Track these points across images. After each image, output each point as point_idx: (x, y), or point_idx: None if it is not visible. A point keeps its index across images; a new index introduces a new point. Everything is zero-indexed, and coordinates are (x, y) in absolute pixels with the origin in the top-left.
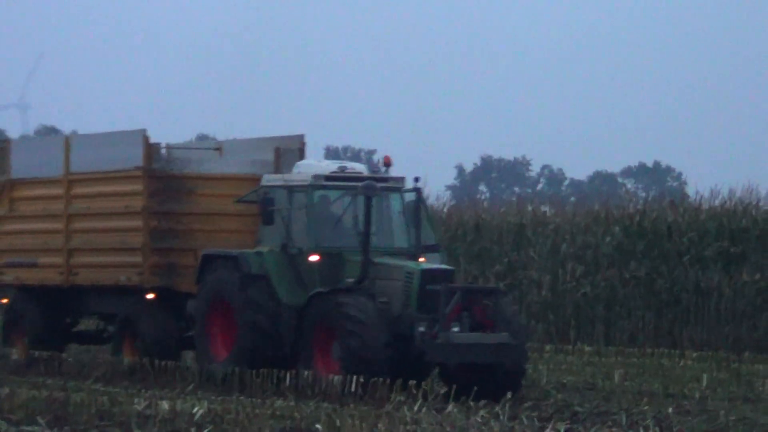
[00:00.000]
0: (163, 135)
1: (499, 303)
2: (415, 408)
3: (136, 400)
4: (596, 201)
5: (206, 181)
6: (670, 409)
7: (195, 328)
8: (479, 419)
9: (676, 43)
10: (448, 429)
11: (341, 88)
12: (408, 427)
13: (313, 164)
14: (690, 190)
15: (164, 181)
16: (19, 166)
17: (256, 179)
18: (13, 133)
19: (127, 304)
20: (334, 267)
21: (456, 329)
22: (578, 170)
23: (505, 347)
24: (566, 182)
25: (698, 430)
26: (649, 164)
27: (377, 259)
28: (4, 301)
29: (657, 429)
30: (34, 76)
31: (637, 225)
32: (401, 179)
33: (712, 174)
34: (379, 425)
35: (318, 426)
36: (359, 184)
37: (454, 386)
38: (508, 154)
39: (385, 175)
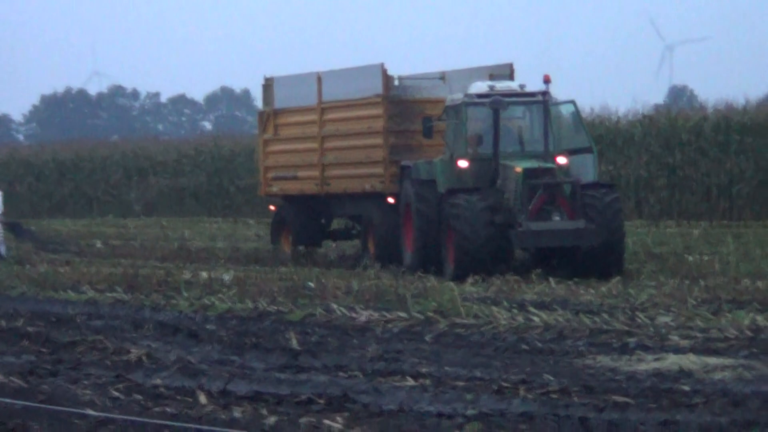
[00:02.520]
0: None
1: (587, 194)
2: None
3: (183, 272)
4: None
5: (433, 104)
6: None
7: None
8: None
9: None
10: (400, 283)
11: None
12: (371, 282)
13: (479, 85)
14: None
15: (399, 105)
16: (281, 98)
17: None
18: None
19: (371, 208)
20: (484, 171)
21: (556, 219)
22: None
23: (580, 232)
24: None
25: None
26: None
27: (503, 161)
28: (273, 208)
29: None
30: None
31: None
32: (545, 93)
33: None
34: (352, 281)
35: (310, 283)
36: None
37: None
38: None
39: (527, 90)
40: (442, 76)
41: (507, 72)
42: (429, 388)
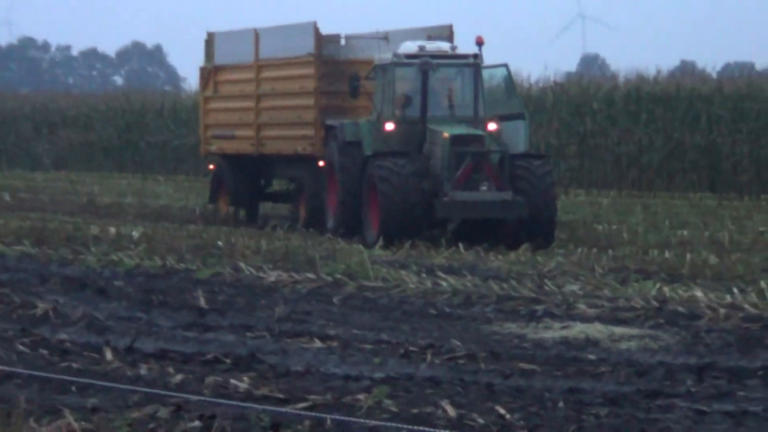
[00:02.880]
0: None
1: (517, 164)
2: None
3: (92, 227)
4: None
5: (367, 65)
6: None
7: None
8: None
9: None
10: (309, 243)
11: None
12: (280, 242)
13: (409, 45)
14: None
15: (332, 65)
16: (221, 55)
17: None
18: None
19: (303, 171)
20: (411, 134)
21: (482, 189)
22: None
23: (507, 204)
24: None
25: None
26: None
27: (431, 125)
28: (211, 167)
29: None
30: None
31: None
32: (477, 56)
33: None
34: (261, 241)
35: (219, 242)
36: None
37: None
38: None
39: (458, 53)
40: (385, 36)
41: (446, 34)
42: (336, 351)
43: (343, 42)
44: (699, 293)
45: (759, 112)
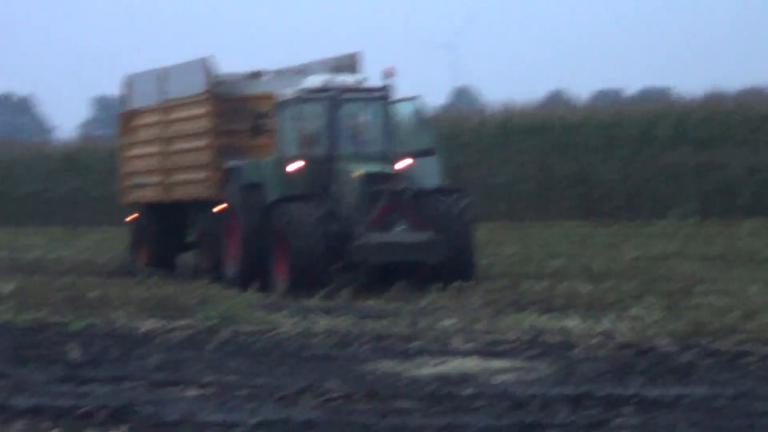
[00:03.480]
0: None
1: (433, 201)
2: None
3: None
4: None
5: (267, 100)
6: None
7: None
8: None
9: None
10: (183, 289)
11: None
12: (151, 291)
13: (314, 79)
14: None
15: (228, 103)
16: (137, 98)
17: None
18: None
19: (203, 217)
20: (317, 174)
21: (397, 230)
22: None
23: (426, 245)
24: None
25: None
26: None
27: (340, 165)
28: (131, 218)
29: None
30: None
31: None
32: (385, 89)
33: None
34: (135, 290)
35: (91, 294)
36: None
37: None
38: None
39: (366, 86)
40: (298, 70)
41: (351, 63)
42: (212, 397)
43: (241, 77)
44: (572, 323)
45: (628, 138)
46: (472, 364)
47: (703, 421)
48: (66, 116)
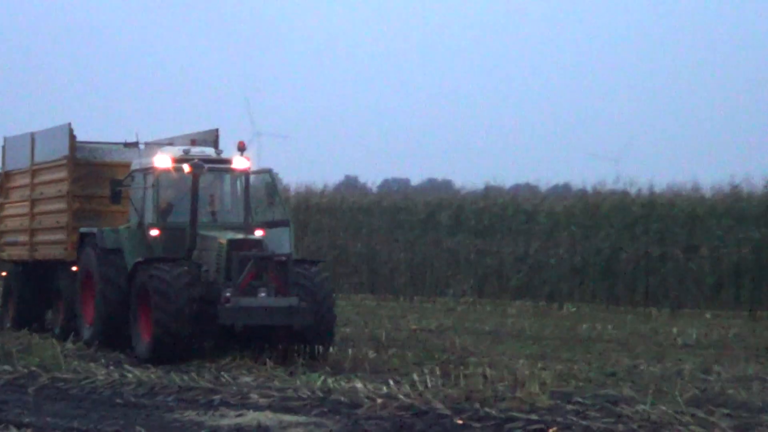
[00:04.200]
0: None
1: (297, 270)
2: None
3: None
4: None
5: (125, 168)
6: None
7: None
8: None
9: None
10: (6, 338)
11: None
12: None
13: (172, 149)
14: None
15: (86, 168)
16: (11, 160)
17: None
18: None
19: (61, 276)
20: (176, 240)
21: (263, 294)
22: None
23: (293, 310)
24: None
25: None
26: None
27: (201, 231)
28: (4, 274)
29: None
30: None
31: None
32: (242, 160)
33: None
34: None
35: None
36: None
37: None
38: None
39: (223, 157)
40: (160, 142)
41: (212, 138)
42: None
43: (103, 145)
44: (359, 384)
45: (413, 223)
46: (267, 417)
47: None
48: None
